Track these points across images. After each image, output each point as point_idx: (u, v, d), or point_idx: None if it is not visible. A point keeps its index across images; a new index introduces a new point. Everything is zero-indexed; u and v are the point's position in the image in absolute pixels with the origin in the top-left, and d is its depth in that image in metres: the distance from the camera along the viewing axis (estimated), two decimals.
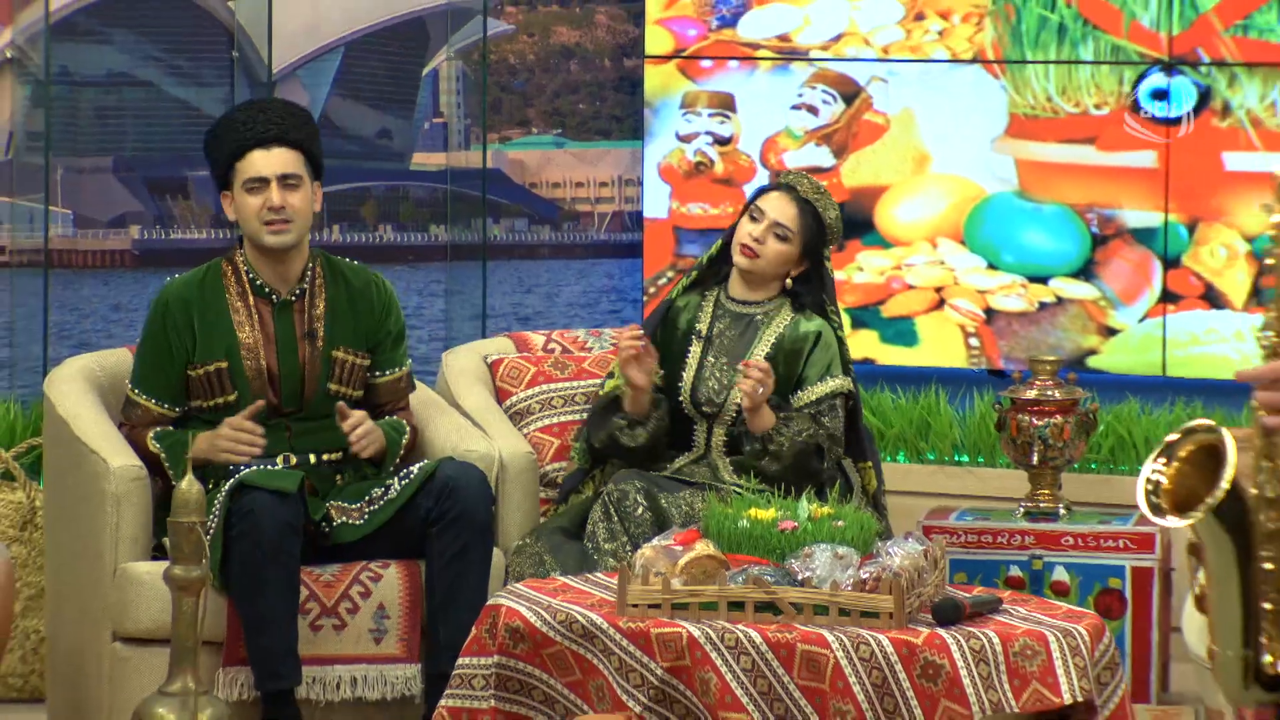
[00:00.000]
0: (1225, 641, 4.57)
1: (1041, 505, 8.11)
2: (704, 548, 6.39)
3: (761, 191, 7.57)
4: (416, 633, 7.00)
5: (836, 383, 7.34)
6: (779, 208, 7.34)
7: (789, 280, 7.45)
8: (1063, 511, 8.11)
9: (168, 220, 8.93)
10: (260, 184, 6.88)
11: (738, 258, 7.38)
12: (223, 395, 6.90)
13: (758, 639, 6.21)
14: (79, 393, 7.18)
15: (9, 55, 8.68)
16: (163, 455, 6.94)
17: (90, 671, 7.02)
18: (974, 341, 9.16)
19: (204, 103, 8.91)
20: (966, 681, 6.11)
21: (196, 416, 6.99)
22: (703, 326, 7.40)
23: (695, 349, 7.36)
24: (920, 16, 9.12)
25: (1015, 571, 8.05)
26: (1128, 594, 7.94)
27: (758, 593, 6.38)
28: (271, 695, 6.75)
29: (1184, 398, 9.04)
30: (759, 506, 6.51)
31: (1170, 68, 8.92)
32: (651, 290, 9.71)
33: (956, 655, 6.13)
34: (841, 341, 7.50)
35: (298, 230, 6.99)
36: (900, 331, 9.25)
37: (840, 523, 6.43)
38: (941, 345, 9.26)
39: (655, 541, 6.47)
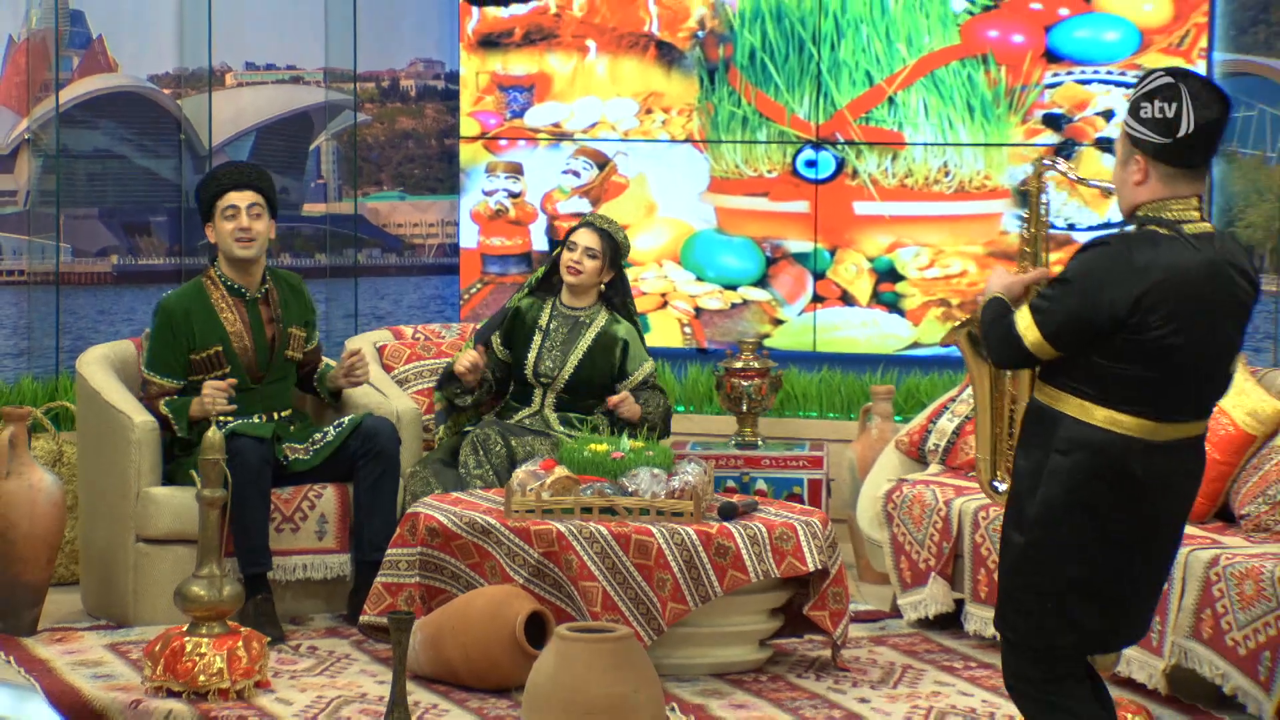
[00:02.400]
0: (980, 450, 5.48)
1: (746, 439, 8.89)
2: (561, 471, 7.05)
3: (572, 230, 8.18)
4: (346, 533, 7.71)
5: (648, 366, 8.22)
6: (587, 238, 8.12)
7: (603, 285, 8.19)
8: (760, 443, 8.85)
9: (137, 251, 9.51)
10: (234, 211, 7.63)
11: (567, 278, 8.08)
12: (219, 369, 7.64)
13: (604, 532, 6.78)
14: (103, 371, 7.85)
15: (27, 137, 9.25)
16: (170, 416, 7.59)
17: (119, 563, 7.57)
18: (688, 330, 9.97)
19: (161, 170, 9.52)
20: (746, 557, 6.80)
21: (196, 388, 7.61)
22: (543, 323, 8.14)
23: (537, 339, 8.09)
24: (649, 111, 9.91)
25: (731, 484, 8.67)
26: (805, 497, 8.60)
27: (602, 501, 6.97)
28: (251, 577, 7.36)
29: (828, 366, 9.83)
30: (596, 444, 7.20)
31: (818, 145, 9.76)
32: (465, 297, 10.10)
33: (738, 539, 6.80)
34: (641, 337, 8.23)
35: (258, 247, 7.69)
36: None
37: (650, 453, 7.17)
38: (665, 333, 9.88)
39: (525, 467, 7.12)
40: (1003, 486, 5.46)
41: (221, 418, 7.39)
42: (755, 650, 7.08)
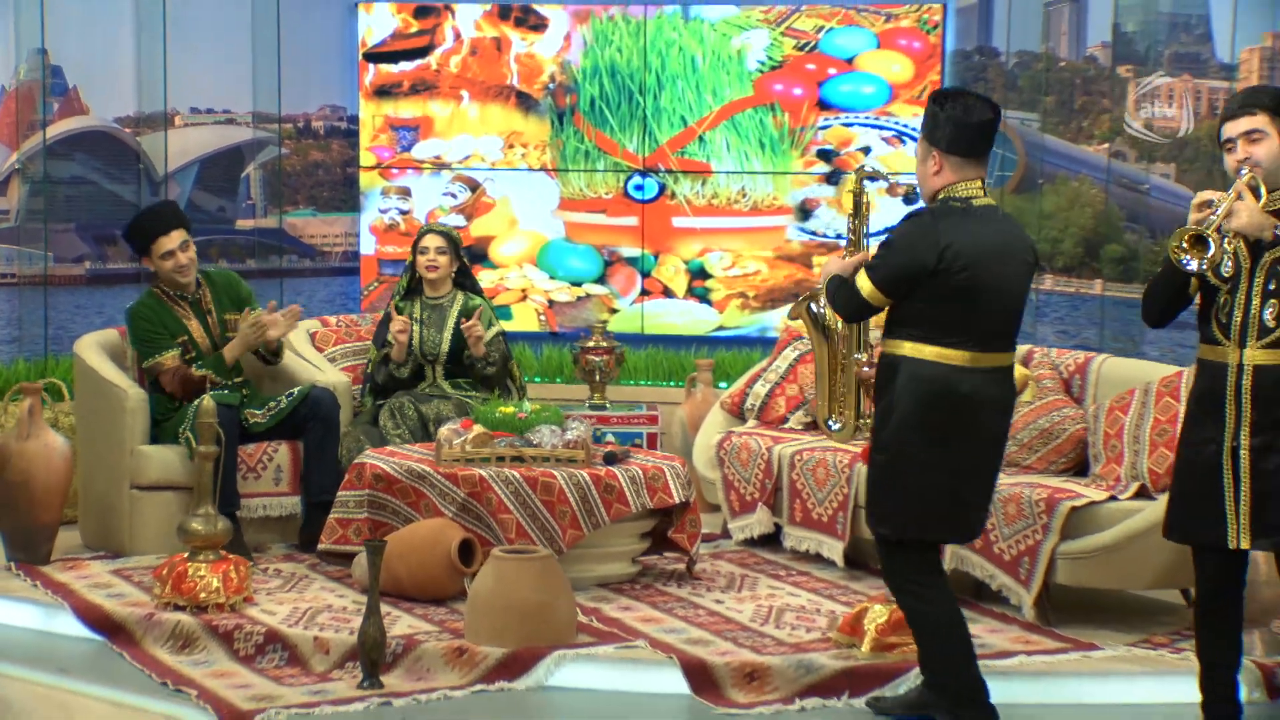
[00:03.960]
0: (820, 398, 5.73)
1: (597, 403, 8.87)
2: (479, 429, 7.04)
3: (419, 239, 8.15)
4: (297, 480, 7.64)
5: (498, 326, 8.11)
6: (434, 241, 8.12)
7: (454, 274, 8.09)
8: (608, 405, 8.85)
9: (105, 258, 9.46)
10: (169, 254, 7.52)
11: (427, 275, 8.06)
12: (188, 354, 7.57)
13: (516, 475, 6.80)
14: (97, 353, 7.73)
15: (17, 167, 9.20)
16: (210, 372, 7.50)
17: (116, 506, 7.46)
18: (542, 317, 10.03)
19: (124, 193, 9.47)
20: (627, 493, 6.87)
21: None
22: (418, 315, 8.12)
23: (416, 329, 8.07)
24: (511, 146, 9.97)
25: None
26: (644, 447, 8.44)
27: (513, 451, 6.99)
28: (222, 515, 6.92)
29: (654, 345, 9.91)
30: (504, 407, 7.18)
31: (644, 173, 9.89)
32: (365, 293, 10.10)
33: (621, 479, 6.86)
34: (489, 304, 8.20)
35: (193, 271, 7.61)
36: (501, 314, 9.28)
37: (546, 414, 7.16)
38: (525, 319, 9.94)
39: (448, 426, 7.10)
40: (836, 425, 5.76)
41: (202, 374, 7.45)
42: (629, 566, 7.16)
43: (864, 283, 5.24)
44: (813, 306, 5.70)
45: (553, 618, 6.10)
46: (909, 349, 5.20)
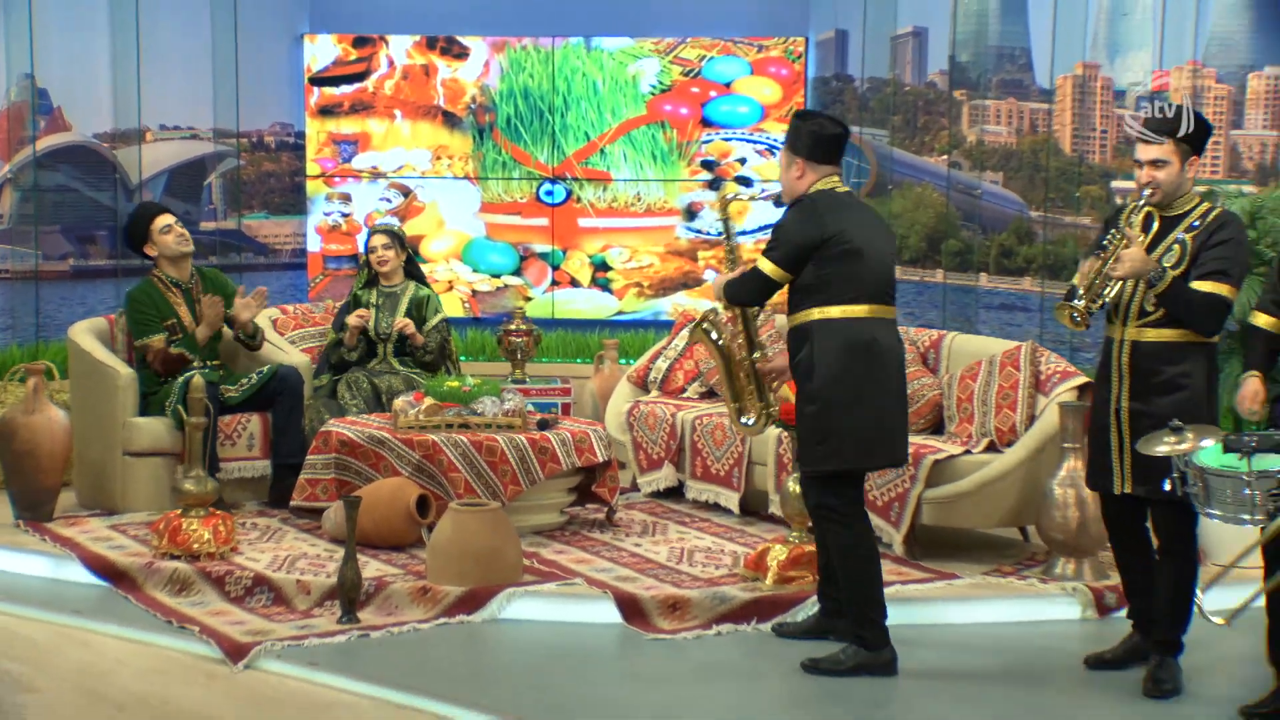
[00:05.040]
0: (728, 402, 5.70)
1: (518, 378, 8.77)
2: (429, 400, 7.05)
3: (368, 239, 8.16)
4: (267, 446, 7.58)
5: (443, 314, 8.07)
6: (380, 240, 8.08)
7: (403, 265, 8.04)
8: (527, 380, 8.75)
9: (87, 255, 9.39)
10: (168, 226, 7.51)
11: (379, 269, 8.04)
12: (174, 336, 7.48)
13: (464, 440, 6.81)
14: (90, 338, 7.65)
15: (9, 176, 9.10)
16: (185, 350, 7.44)
17: (110, 471, 7.39)
18: (467, 305, 9.99)
19: (102, 199, 9.38)
20: (559, 453, 6.90)
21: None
22: (374, 301, 8.08)
23: (372, 314, 8.03)
24: (439, 158, 9.92)
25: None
26: (559, 413, 8.12)
27: (460, 419, 6.99)
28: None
29: (563, 329, 9.89)
30: (451, 382, 7.19)
31: (553, 181, 9.89)
32: (311, 285, 9.99)
33: (554, 441, 6.89)
34: (434, 294, 8.15)
35: (190, 243, 7.59)
36: (429, 301, 8.56)
37: (487, 387, 7.15)
38: (452, 306, 9.68)
39: (402, 398, 7.11)
40: (750, 421, 5.73)
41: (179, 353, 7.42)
42: (559, 515, 7.20)
43: (766, 265, 5.34)
44: (705, 327, 5.72)
45: (502, 561, 6.14)
46: (818, 313, 5.30)
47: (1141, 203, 5.13)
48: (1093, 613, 6.14)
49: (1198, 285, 5.00)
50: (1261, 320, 5.01)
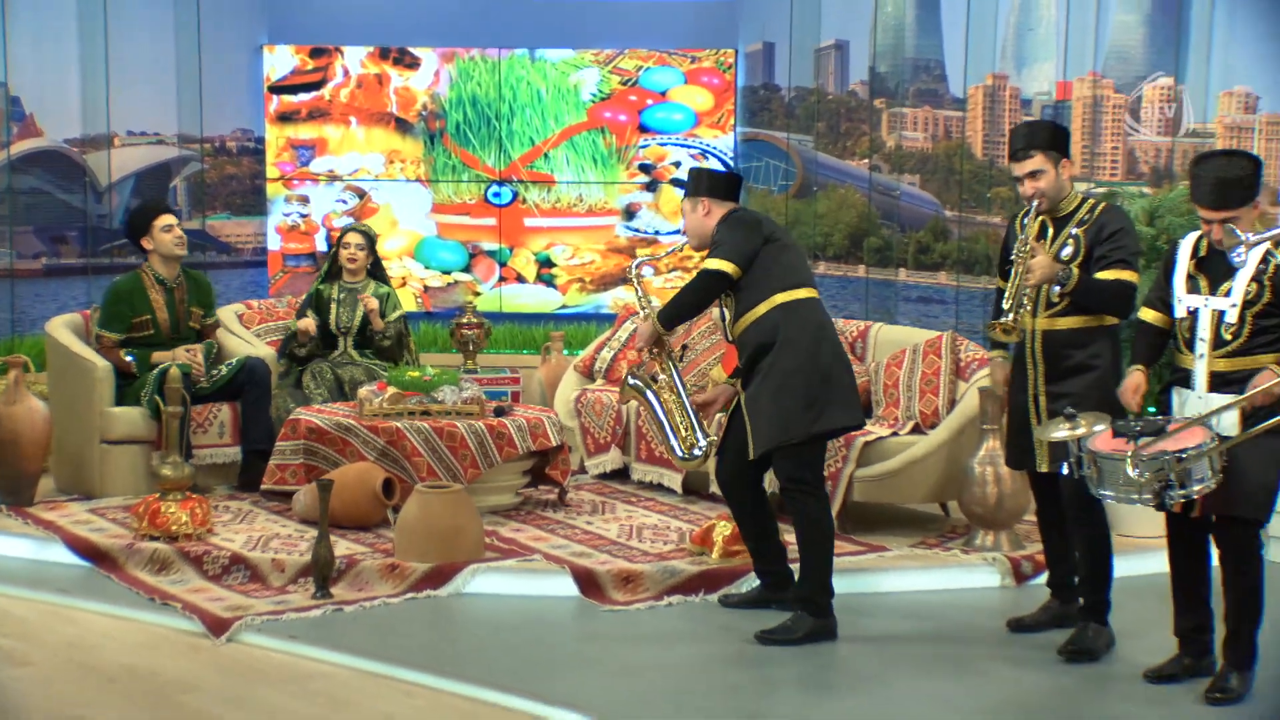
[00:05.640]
0: (664, 444, 5.66)
1: (470, 368, 8.63)
2: (392, 390, 7.04)
3: (342, 236, 8.08)
4: (237, 433, 7.52)
5: (401, 310, 8.06)
6: (356, 238, 8.04)
7: (369, 266, 8.01)
8: (478, 370, 8.59)
9: (59, 254, 9.33)
10: (169, 225, 7.45)
11: (349, 266, 7.99)
12: (145, 332, 7.46)
13: (425, 426, 6.83)
14: (67, 333, 7.58)
15: None
16: (132, 361, 7.36)
17: (88, 457, 7.31)
18: (419, 300, 9.97)
19: (73, 201, 9.32)
20: (516, 438, 6.93)
21: (130, 341, 7.45)
22: (335, 296, 8.04)
23: (333, 307, 8.00)
24: (392, 162, 9.90)
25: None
26: (509, 401, 8.13)
27: (421, 407, 6.99)
28: None
29: (510, 322, 9.89)
30: (412, 372, 7.17)
31: (500, 183, 9.93)
32: (272, 281, 9.93)
33: (510, 427, 6.92)
34: (393, 291, 8.13)
35: (185, 246, 7.58)
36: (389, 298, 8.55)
37: (446, 377, 7.16)
38: (405, 301, 9.26)
39: (366, 388, 7.09)
40: (698, 453, 5.69)
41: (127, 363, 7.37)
42: (513, 496, 7.20)
43: (721, 265, 5.42)
44: (631, 381, 5.74)
45: (466, 539, 6.17)
46: (764, 307, 5.42)
47: (1033, 213, 5.24)
48: (1010, 580, 6.24)
49: (1103, 275, 5.10)
50: (1148, 316, 5.05)
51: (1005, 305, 5.13)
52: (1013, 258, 5.20)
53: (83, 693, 4.94)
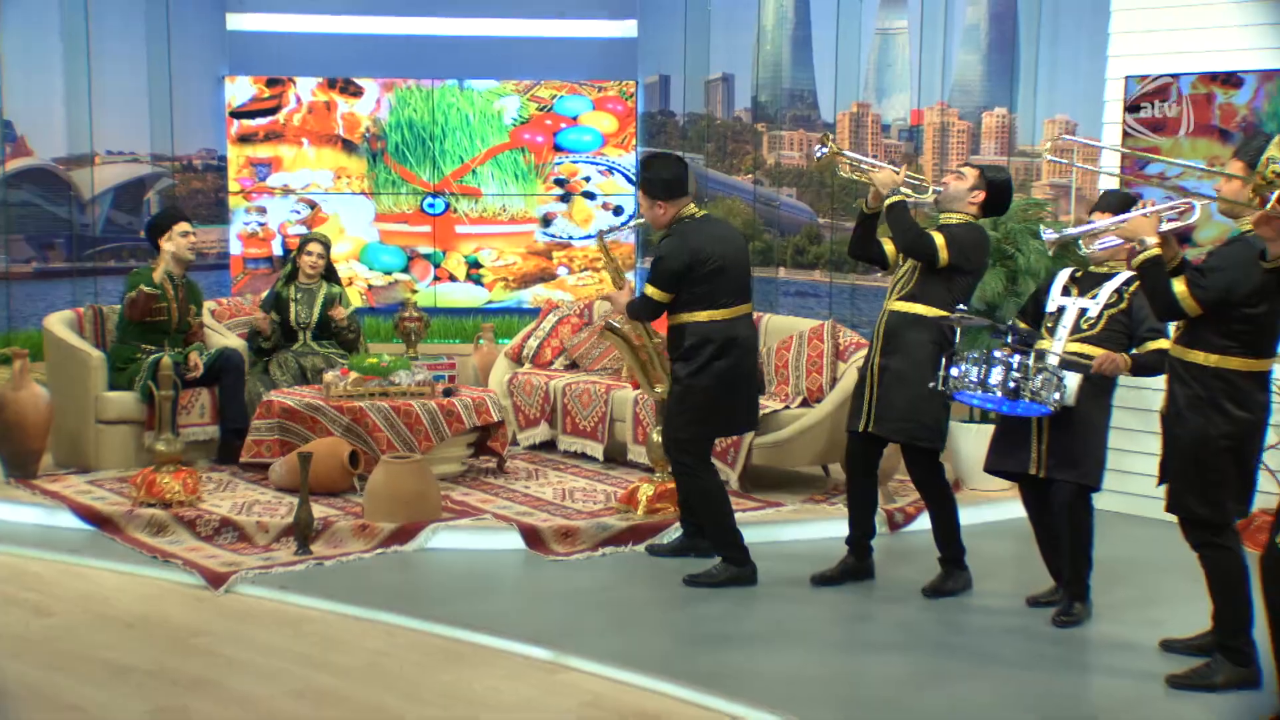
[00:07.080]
0: (641, 382, 5.75)
1: (412, 355, 8.11)
2: (354, 374, 6.95)
3: (304, 243, 7.90)
4: (216, 414, 7.39)
5: (351, 307, 7.92)
6: (316, 247, 7.87)
7: (325, 269, 7.83)
8: (420, 357, 7.97)
9: (47, 259, 9.23)
10: (188, 233, 7.30)
11: (309, 270, 7.81)
12: (160, 318, 7.31)
13: (385, 405, 6.74)
14: (64, 327, 7.44)
15: None
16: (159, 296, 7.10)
17: (85, 436, 7.18)
18: (364, 297, 9.88)
19: (59, 213, 9.17)
20: (463, 414, 6.82)
21: (148, 325, 7.27)
22: (294, 296, 7.91)
23: (293, 306, 7.87)
24: (339, 177, 9.74)
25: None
26: (449, 383, 7.83)
27: (380, 389, 6.92)
28: None
29: (444, 316, 9.78)
30: (372, 358, 7.04)
31: (434, 195, 9.86)
32: (234, 281, 9.81)
33: (459, 405, 6.82)
34: (344, 290, 8.00)
35: (194, 255, 7.43)
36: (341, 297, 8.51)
37: (400, 363, 7.05)
38: (351, 299, 9.19)
39: (330, 373, 7.01)
40: (661, 390, 5.76)
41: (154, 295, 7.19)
42: (460, 465, 7.14)
43: (651, 291, 5.38)
44: (611, 324, 5.78)
45: (426, 502, 6.15)
46: (688, 317, 5.40)
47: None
48: (885, 529, 6.31)
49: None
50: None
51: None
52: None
53: (106, 638, 4.92)
